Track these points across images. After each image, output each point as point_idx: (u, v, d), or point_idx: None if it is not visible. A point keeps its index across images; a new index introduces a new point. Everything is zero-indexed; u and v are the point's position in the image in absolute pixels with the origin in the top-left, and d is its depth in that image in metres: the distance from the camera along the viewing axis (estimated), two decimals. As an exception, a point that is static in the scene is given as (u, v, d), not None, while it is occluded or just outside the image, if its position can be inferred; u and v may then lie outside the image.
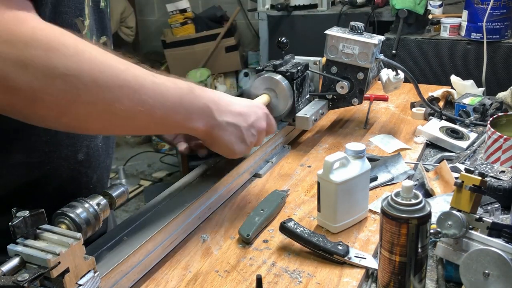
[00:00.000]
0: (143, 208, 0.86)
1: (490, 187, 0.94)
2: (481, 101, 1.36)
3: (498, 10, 1.95)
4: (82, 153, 0.81)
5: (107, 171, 0.92)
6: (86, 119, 0.66)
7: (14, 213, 0.59)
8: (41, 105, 0.61)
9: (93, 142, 0.83)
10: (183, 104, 0.77)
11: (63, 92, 0.61)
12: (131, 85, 0.68)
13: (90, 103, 0.64)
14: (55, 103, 0.61)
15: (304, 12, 2.82)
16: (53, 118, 0.64)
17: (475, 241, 0.72)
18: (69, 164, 0.80)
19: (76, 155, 0.80)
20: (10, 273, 0.57)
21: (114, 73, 0.66)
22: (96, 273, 0.64)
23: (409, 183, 0.68)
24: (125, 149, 4.12)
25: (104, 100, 0.65)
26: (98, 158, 0.86)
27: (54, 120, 0.65)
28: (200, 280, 0.77)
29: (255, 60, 3.93)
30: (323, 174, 0.86)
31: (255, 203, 0.97)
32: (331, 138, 1.28)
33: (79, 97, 0.62)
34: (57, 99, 0.61)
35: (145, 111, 0.70)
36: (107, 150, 0.89)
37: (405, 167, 1.08)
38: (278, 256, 0.82)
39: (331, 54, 1.20)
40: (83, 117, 0.66)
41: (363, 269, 0.78)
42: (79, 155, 0.81)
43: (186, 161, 3.30)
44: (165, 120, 0.76)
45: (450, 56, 2.13)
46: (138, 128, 0.78)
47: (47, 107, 0.61)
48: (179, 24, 3.93)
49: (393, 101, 1.52)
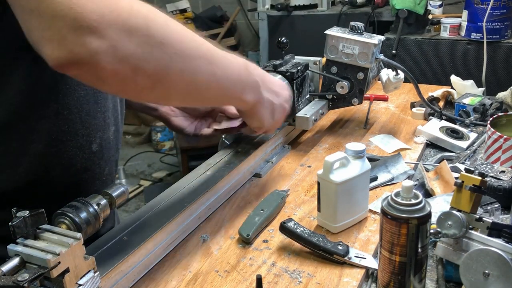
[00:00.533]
0: (143, 208, 0.86)
1: (490, 187, 0.94)
2: (481, 101, 1.36)
3: (498, 10, 1.95)
4: (96, 144, 0.84)
5: (115, 165, 0.94)
6: (174, 88, 0.70)
7: (14, 213, 0.59)
8: (142, 74, 0.63)
9: (106, 134, 0.86)
10: (241, 78, 0.84)
11: (160, 61, 0.64)
12: (207, 57, 0.74)
13: (179, 72, 0.68)
14: (153, 71, 0.64)
15: (304, 12, 2.82)
16: (148, 89, 0.67)
17: (475, 241, 0.72)
18: (84, 154, 0.82)
19: (91, 145, 0.83)
20: (10, 273, 0.57)
21: (196, 44, 0.71)
22: (96, 273, 0.64)
23: (409, 183, 0.68)
24: (125, 149, 4.11)
25: (189, 70, 0.69)
26: (109, 150, 0.88)
27: (148, 90, 0.67)
28: (200, 280, 0.77)
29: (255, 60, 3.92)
30: (323, 174, 0.86)
31: (255, 203, 0.97)
32: (331, 138, 1.28)
33: (171, 66, 0.66)
34: (155, 67, 0.64)
35: (215, 81, 0.76)
36: (117, 144, 0.92)
37: (405, 167, 1.08)
38: (278, 256, 0.82)
39: (331, 54, 1.20)
40: (172, 86, 0.70)
41: (363, 269, 0.78)
42: (94, 146, 0.83)
43: (186, 161, 3.30)
44: (227, 91, 0.82)
45: (450, 56, 2.13)
46: (208, 98, 0.81)
47: (147, 76, 0.64)
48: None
49: (393, 101, 1.52)
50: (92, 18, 0.56)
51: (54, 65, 0.58)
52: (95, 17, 0.56)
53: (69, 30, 0.55)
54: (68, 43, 0.56)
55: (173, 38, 0.66)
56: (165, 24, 0.65)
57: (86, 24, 0.56)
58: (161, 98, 0.73)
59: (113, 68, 0.60)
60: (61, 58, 0.57)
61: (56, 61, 0.57)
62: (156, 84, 0.67)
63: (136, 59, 0.61)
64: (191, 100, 0.81)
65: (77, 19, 0.55)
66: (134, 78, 0.63)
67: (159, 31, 0.64)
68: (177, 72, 0.68)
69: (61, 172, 0.80)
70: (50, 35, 0.56)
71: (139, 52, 0.61)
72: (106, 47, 0.58)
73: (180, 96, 0.74)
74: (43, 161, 0.77)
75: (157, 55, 0.64)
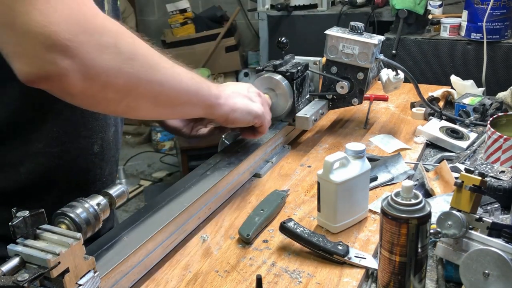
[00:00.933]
0: (143, 208, 0.86)
1: (490, 187, 0.94)
2: (481, 101, 1.36)
3: (498, 10, 1.95)
4: (98, 145, 0.84)
5: (116, 165, 0.95)
6: (143, 100, 0.72)
7: (14, 213, 0.59)
8: (111, 89, 0.66)
9: (106, 135, 0.86)
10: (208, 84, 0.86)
11: (128, 75, 0.67)
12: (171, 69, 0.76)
13: (147, 84, 0.70)
14: (122, 86, 0.67)
15: (304, 12, 2.82)
16: (117, 102, 0.69)
17: (475, 241, 0.72)
18: (85, 155, 0.83)
19: (92, 146, 0.84)
20: (10, 273, 0.57)
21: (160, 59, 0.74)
22: (96, 273, 0.64)
23: (409, 183, 0.68)
24: (125, 149, 4.11)
25: (156, 81, 0.72)
26: (110, 151, 0.89)
27: (117, 103, 0.69)
28: (200, 280, 0.77)
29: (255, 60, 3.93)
30: (323, 174, 0.86)
31: (255, 203, 0.97)
32: (331, 138, 1.28)
33: (139, 79, 0.69)
34: (124, 82, 0.66)
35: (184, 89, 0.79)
36: (116, 144, 0.92)
37: (405, 167, 1.08)
38: (278, 256, 0.82)
39: (331, 54, 1.20)
40: (141, 98, 0.72)
41: (363, 269, 0.78)
42: (95, 147, 0.84)
43: (186, 161, 3.30)
44: (198, 97, 0.84)
45: (450, 56, 2.13)
46: (180, 106, 0.82)
47: (116, 90, 0.66)
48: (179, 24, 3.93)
49: (393, 101, 1.52)
50: (65, 37, 0.57)
51: (23, 80, 0.59)
52: (68, 36, 0.58)
53: (41, 47, 0.57)
54: (39, 60, 0.58)
55: (140, 53, 0.69)
56: (131, 40, 0.68)
57: (58, 42, 0.57)
58: (130, 110, 0.74)
59: (82, 85, 0.62)
60: (31, 74, 0.59)
61: (26, 76, 0.59)
62: (125, 97, 0.69)
63: (106, 76, 0.64)
64: (163, 110, 0.81)
65: (50, 37, 0.57)
66: (103, 93, 0.66)
67: (127, 47, 0.66)
68: (146, 84, 0.70)
69: (62, 173, 0.80)
70: (22, 50, 0.58)
71: (109, 68, 0.63)
72: (77, 66, 0.59)
73: (151, 107, 0.75)
74: (44, 162, 0.78)
75: (126, 70, 0.66)
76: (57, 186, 0.80)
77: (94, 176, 0.86)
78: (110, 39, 0.63)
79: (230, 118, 0.92)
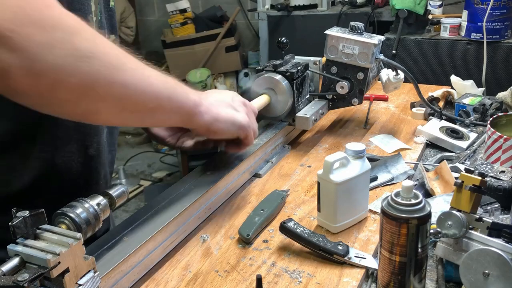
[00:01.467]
0: (143, 208, 0.86)
1: (490, 187, 0.94)
2: (481, 101, 1.36)
3: (498, 10, 1.95)
4: (93, 149, 0.83)
5: (111, 168, 0.94)
6: (104, 102, 0.66)
7: (14, 213, 0.59)
8: (64, 88, 0.60)
9: (101, 138, 0.85)
10: (185, 90, 0.79)
11: (86, 74, 0.61)
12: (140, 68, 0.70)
13: (108, 85, 0.64)
14: (76, 85, 0.61)
15: (304, 12, 2.82)
16: (73, 104, 0.63)
17: (475, 241, 0.72)
18: (79, 158, 0.82)
19: (87, 150, 0.82)
20: (10, 273, 0.57)
21: (125, 58, 0.68)
22: (96, 273, 0.64)
23: (409, 183, 0.68)
24: (125, 149, 4.11)
25: (119, 82, 0.66)
26: (104, 154, 0.88)
27: (72, 105, 0.64)
28: (200, 280, 0.77)
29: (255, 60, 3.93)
30: (323, 174, 0.86)
31: (255, 203, 0.97)
32: (331, 138, 1.28)
33: (98, 79, 0.63)
34: (80, 81, 0.61)
35: (155, 93, 0.72)
36: (110, 146, 0.91)
37: (405, 167, 1.08)
38: (278, 256, 0.82)
39: (331, 54, 1.20)
40: (101, 100, 0.65)
41: (363, 269, 0.78)
42: (90, 150, 0.83)
43: (186, 161, 3.30)
44: (172, 103, 0.77)
45: (450, 56, 2.13)
46: (150, 112, 0.75)
47: (69, 90, 0.61)
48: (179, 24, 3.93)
49: (393, 101, 1.52)
50: (7, 27, 0.53)
51: None
52: (11, 26, 0.53)
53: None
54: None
55: (100, 51, 0.63)
56: (91, 37, 0.63)
57: None
58: (89, 114, 0.68)
59: (28, 82, 0.57)
60: None
61: None
62: (81, 99, 0.63)
63: (56, 73, 0.58)
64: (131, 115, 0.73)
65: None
66: (54, 93, 0.60)
67: (84, 44, 0.61)
68: (105, 85, 0.64)
69: (57, 177, 0.80)
70: None
71: (61, 65, 0.58)
72: (19, 61, 0.55)
73: (113, 111, 0.69)
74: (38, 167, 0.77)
75: (83, 68, 0.60)
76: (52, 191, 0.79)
77: (90, 179, 0.85)
78: (65, 34, 0.58)
79: (213, 128, 0.85)
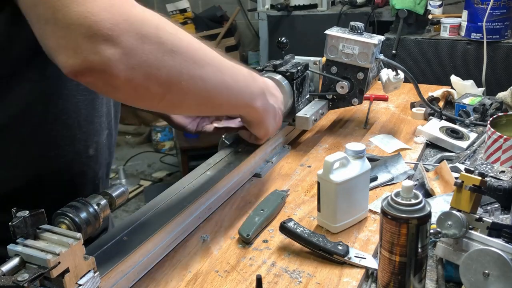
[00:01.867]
0: (143, 208, 0.86)
1: (490, 187, 0.94)
2: (481, 101, 1.36)
3: (498, 10, 1.95)
4: (93, 148, 0.84)
5: (108, 168, 0.94)
6: (186, 96, 0.71)
7: (14, 213, 0.59)
8: (154, 81, 0.65)
9: (100, 138, 0.86)
10: (249, 86, 0.87)
11: (170, 68, 0.66)
12: (216, 64, 0.76)
13: (190, 80, 0.69)
14: (165, 79, 0.66)
15: (304, 12, 2.82)
16: (160, 97, 0.68)
17: (475, 241, 0.72)
18: (81, 158, 0.82)
19: (87, 150, 0.83)
20: (10, 273, 0.57)
21: (204, 52, 0.73)
22: (96, 273, 0.64)
23: (409, 183, 0.68)
24: (125, 149, 4.11)
25: (199, 77, 0.71)
26: (103, 154, 0.88)
27: (160, 98, 0.68)
28: (200, 280, 0.77)
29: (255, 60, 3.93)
30: (323, 174, 0.86)
31: (255, 203, 0.97)
32: (331, 138, 1.28)
33: (182, 74, 0.68)
34: (166, 75, 0.66)
35: (225, 88, 0.79)
36: (109, 147, 0.91)
37: (405, 167, 1.08)
38: (278, 256, 0.82)
39: (331, 54, 1.20)
40: (184, 94, 0.71)
41: (363, 269, 0.78)
42: (90, 150, 0.83)
43: (186, 161, 3.30)
44: (238, 98, 0.84)
45: (450, 56, 2.13)
46: (219, 105, 0.83)
47: (158, 83, 0.65)
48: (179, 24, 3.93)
49: (393, 101, 1.52)
50: (106, 26, 0.58)
51: (68, 73, 0.60)
52: (109, 25, 0.58)
53: (83, 38, 0.57)
54: (83, 51, 0.58)
55: (183, 46, 0.68)
56: (174, 32, 0.67)
57: (100, 32, 0.57)
58: (173, 106, 0.75)
59: (125, 75, 0.61)
60: (76, 65, 0.59)
61: (71, 69, 0.59)
62: (168, 92, 0.68)
63: (148, 67, 0.63)
64: (204, 108, 0.82)
65: (91, 27, 0.57)
66: (146, 86, 0.64)
67: (169, 39, 0.65)
68: (188, 79, 0.69)
69: (57, 176, 0.80)
70: (65, 43, 0.58)
71: (151, 59, 0.63)
72: (119, 55, 0.59)
73: (193, 103, 0.75)
74: (39, 165, 0.77)
75: (168, 62, 0.65)
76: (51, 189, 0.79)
77: (88, 178, 0.86)
78: (151, 29, 0.63)
79: (252, 126, 0.96)
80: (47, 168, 0.78)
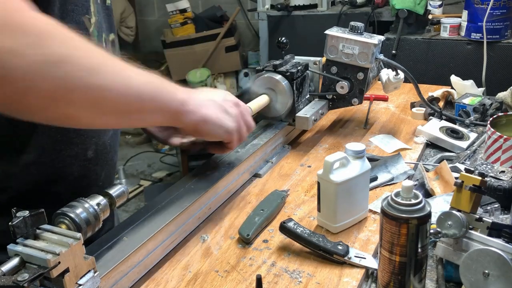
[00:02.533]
0: (143, 208, 0.86)
1: (490, 187, 0.94)
2: (481, 101, 1.36)
3: (498, 10, 1.95)
4: (92, 151, 0.83)
5: (113, 168, 0.93)
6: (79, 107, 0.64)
7: (14, 213, 0.59)
8: (35, 94, 0.58)
9: (101, 139, 0.85)
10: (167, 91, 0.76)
11: (58, 80, 0.59)
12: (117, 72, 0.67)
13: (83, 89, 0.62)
14: (48, 91, 0.59)
15: (304, 12, 2.82)
16: (44, 109, 0.61)
17: (475, 241, 0.72)
18: (79, 161, 0.81)
19: (85, 152, 0.82)
20: (10, 273, 0.57)
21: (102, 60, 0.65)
22: (96, 273, 0.64)
23: (409, 183, 0.68)
24: (125, 149, 4.11)
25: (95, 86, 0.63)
26: (106, 155, 0.87)
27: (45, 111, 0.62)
28: (200, 280, 0.77)
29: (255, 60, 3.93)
30: (323, 174, 0.86)
31: (255, 203, 0.97)
32: (331, 138, 1.28)
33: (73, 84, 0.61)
34: (52, 87, 0.59)
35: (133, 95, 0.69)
36: (114, 147, 0.91)
37: (405, 167, 1.08)
38: (278, 256, 0.82)
39: (331, 54, 1.20)
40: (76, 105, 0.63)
41: (363, 269, 0.78)
42: (89, 153, 0.82)
43: (186, 161, 3.30)
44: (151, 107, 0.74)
45: (450, 56, 2.13)
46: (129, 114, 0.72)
47: (41, 96, 0.59)
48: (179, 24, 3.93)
49: (393, 101, 1.52)
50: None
51: None
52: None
53: None
54: None
55: (75, 55, 0.61)
56: (65, 41, 0.60)
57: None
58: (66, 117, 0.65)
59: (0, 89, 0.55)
60: None
61: None
62: (53, 104, 0.61)
63: (26, 80, 0.56)
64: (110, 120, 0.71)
65: None
66: (23, 99, 0.58)
67: (57, 49, 0.59)
68: (81, 90, 0.62)
69: (57, 181, 0.80)
70: None
71: (31, 71, 0.56)
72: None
73: (92, 115, 0.66)
74: (37, 171, 0.77)
75: (55, 74, 0.58)
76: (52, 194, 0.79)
77: (90, 181, 0.85)
78: (36, 38, 0.56)
79: (200, 129, 0.83)
80: (45, 174, 0.77)
